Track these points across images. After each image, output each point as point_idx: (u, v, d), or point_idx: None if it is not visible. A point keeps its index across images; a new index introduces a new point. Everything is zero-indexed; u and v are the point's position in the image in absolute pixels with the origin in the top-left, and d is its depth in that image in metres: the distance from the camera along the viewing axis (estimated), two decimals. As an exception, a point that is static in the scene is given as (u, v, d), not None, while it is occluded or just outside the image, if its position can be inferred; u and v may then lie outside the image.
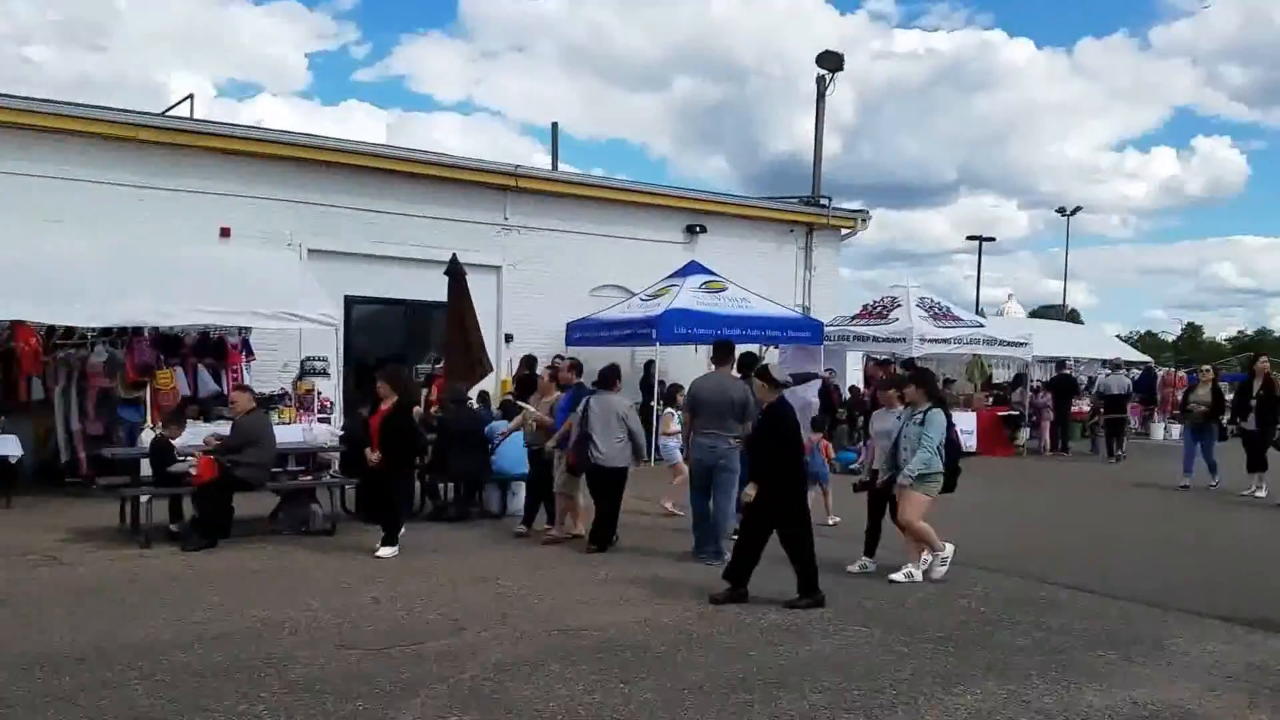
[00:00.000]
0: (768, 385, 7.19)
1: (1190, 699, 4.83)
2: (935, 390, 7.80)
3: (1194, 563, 8.49)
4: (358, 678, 5.05)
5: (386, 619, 6.25)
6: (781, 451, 6.85)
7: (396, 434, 8.17)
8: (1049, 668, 5.33)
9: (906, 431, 7.44)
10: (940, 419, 7.40)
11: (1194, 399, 14.08)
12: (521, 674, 5.13)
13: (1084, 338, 27.73)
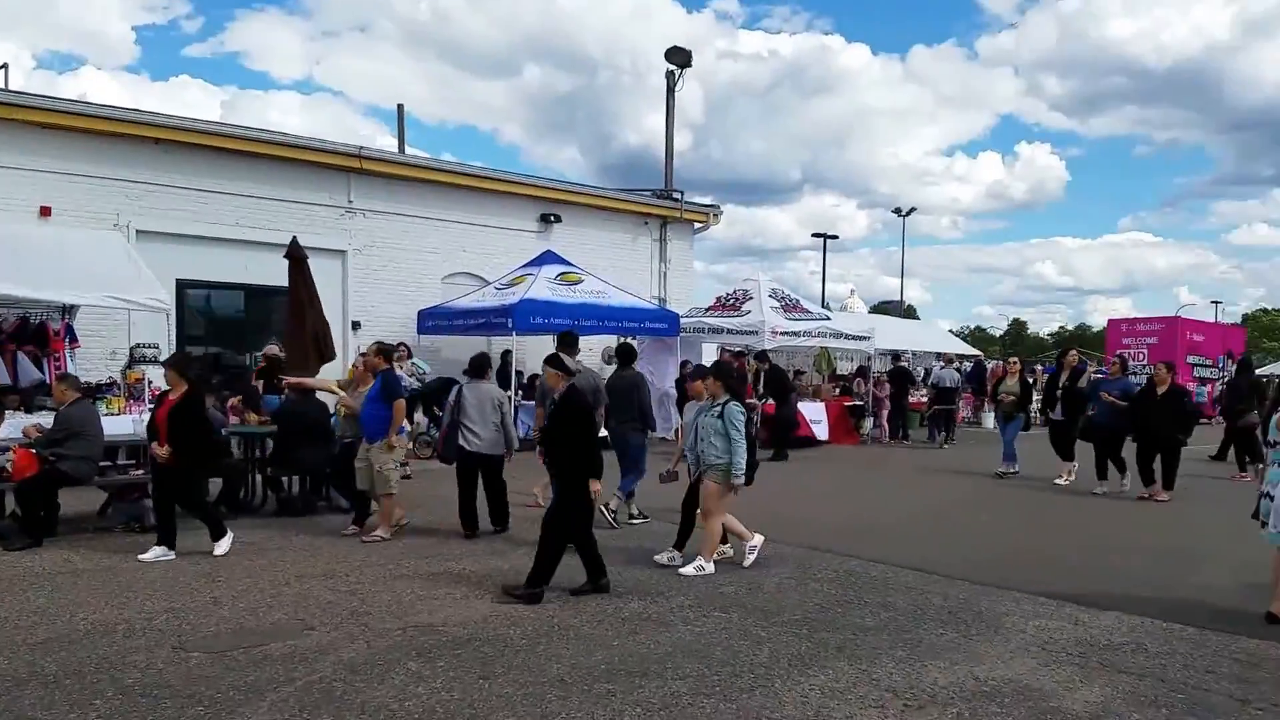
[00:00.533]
0: (558, 374, 7.05)
1: (1027, 674, 5.09)
2: (733, 383, 7.71)
3: (1023, 545, 8.99)
4: (199, 681, 4.77)
5: (229, 619, 5.93)
6: (577, 442, 6.65)
7: (187, 426, 7.56)
8: (896, 646, 5.53)
9: (703, 423, 7.40)
10: (737, 412, 7.33)
11: (1003, 389, 14.64)
12: (376, 673, 4.94)
13: (920, 332, 29.07)
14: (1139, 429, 11.78)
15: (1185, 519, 10.49)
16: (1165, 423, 11.49)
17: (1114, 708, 4.59)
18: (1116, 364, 13.91)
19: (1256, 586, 6.61)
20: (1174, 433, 11.57)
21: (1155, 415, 11.53)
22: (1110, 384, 12.84)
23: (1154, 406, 11.63)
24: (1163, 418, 11.50)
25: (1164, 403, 11.59)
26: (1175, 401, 11.75)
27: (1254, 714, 4.51)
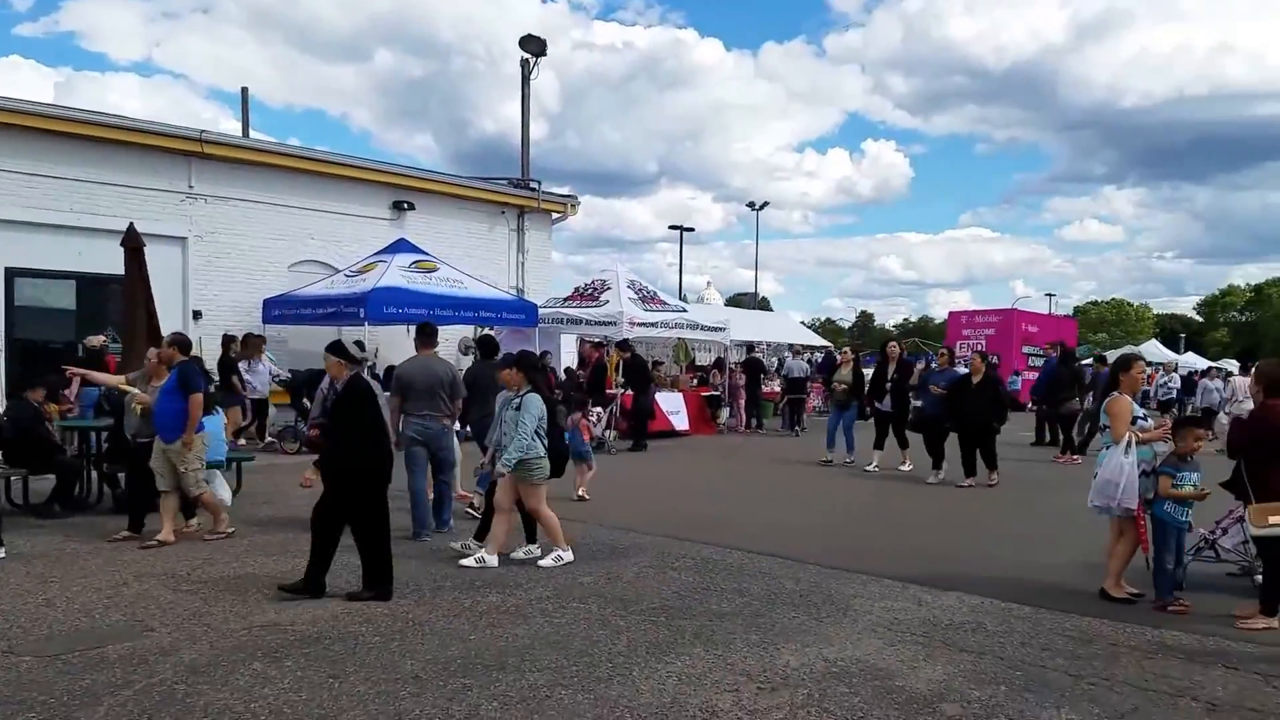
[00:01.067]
0: (341, 362, 6.66)
1: (874, 654, 5.22)
2: (534, 374, 7.43)
3: (870, 529, 9.30)
4: (30, 686, 4.43)
5: (63, 622, 5.53)
6: (357, 434, 6.25)
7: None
8: (751, 631, 5.59)
9: (505, 415, 7.21)
10: (536, 403, 7.12)
11: (837, 379, 14.93)
12: (219, 675, 4.66)
13: (774, 324, 29.86)
14: (957, 418, 12.12)
15: (1019, 502, 11.09)
16: (981, 410, 11.87)
17: (955, 685, 4.75)
18: (944, 355, 14.10)
19: (1089, 565, 7.00)
20: (989, 420, 11.95)
21: (971, 403, 11.90)
22: (938, 375, 13.07)
23: (970, 395, 12.00)
24: (978, 405, 11.87)
25: (979, 391, 11.99)
26: (990, 389, 12.14)
27: (1086, 689, 4.74)
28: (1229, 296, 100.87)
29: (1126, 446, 6.24)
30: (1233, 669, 5.05)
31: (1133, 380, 6.67)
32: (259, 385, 14.13)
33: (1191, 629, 5.76)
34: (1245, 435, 6.03)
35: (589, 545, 7.93)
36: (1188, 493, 6.19)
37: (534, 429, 7.05)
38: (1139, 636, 5.64)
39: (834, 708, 4.40)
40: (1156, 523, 6.27)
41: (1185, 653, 5.34)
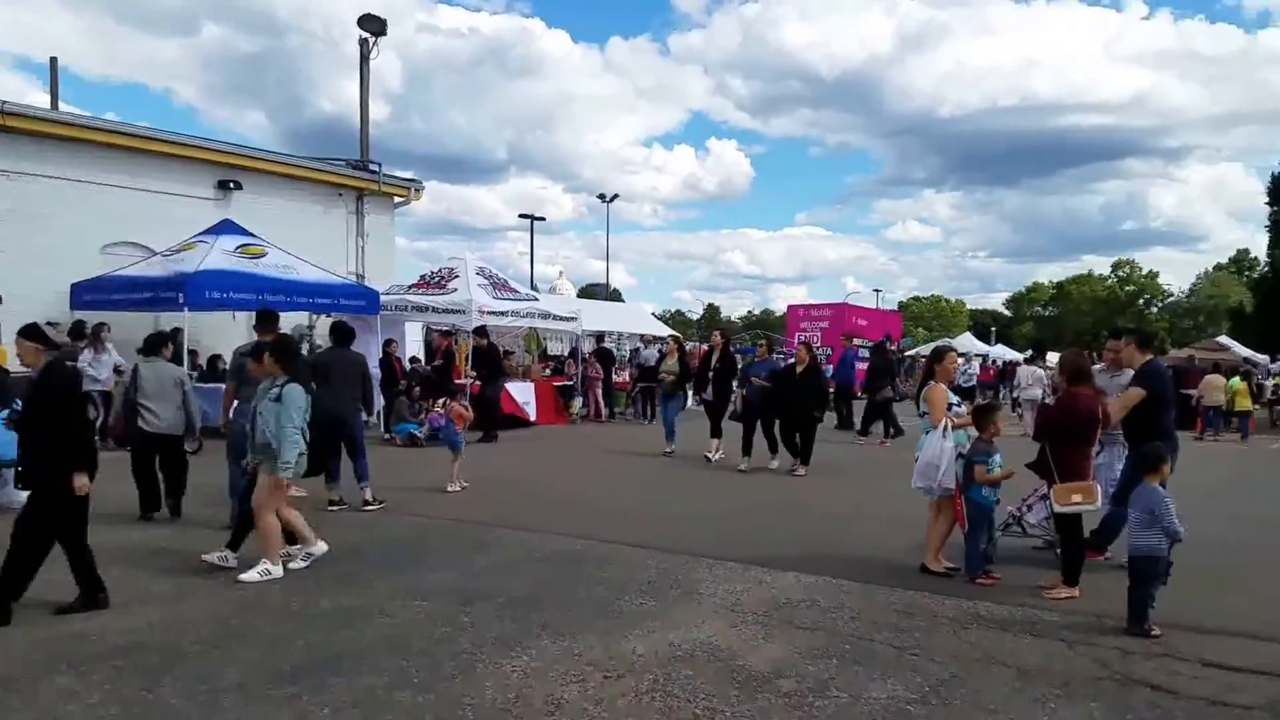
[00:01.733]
0: (38, 347, 5.81)
1: (716, 635, 5.35)
2: (292, 363, 6.82)
3: (715, 514, 9.47)
4: None
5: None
6: (59, 427, 5.55)
7: None
8: (600, 620, 5.62)
9: (262, 408, 6.59)
10: (298, 394, 6.59)
11: (664, 369, 14.84)
12: (22, 688, 4.35)
13: (626, 314, 30.02)
14: (781, 407, 12.27)
15: (849, 484, 11.59)
16: (804, 400, 12.08)
17: (791, 662, 4.93)
18: (763, 346, 14.09)
19: (913, 542, 7.37)
20: (812, 409, 12.16)
21: (795, 393, 12.09)
22: (758, 366, 13.12)
23: (794, 385, 12.17)
24: (802, 395, 12.06)
25: (803, 381, 12.16)
26: (813, 379, 12.31)
27: (909, 659, 5.01)
28: (1035, 293, 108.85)
29: (944, 431, 6.64)
30: (1039, 636, 5.44)
31: (946, 370, 7.10)
32: (103, 377, 13.10)
33: (1002, 600, 6.16)
34: (1050, 421, 6.49)
35: (437, 541, 7.80)
36: (997, 476, 6.64)
37: (299, 422, 6.54)
38: (956, 608, 6.00)
39: (678, 690, 4.48)
40: (972, 505, 6.68)
41: (997, 622, 5.71)
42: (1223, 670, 4.89)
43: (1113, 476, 7.15)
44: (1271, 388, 28.78)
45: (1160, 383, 7.13)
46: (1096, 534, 7.09)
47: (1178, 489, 6.54)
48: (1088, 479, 6.33)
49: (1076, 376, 6.44)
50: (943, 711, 4.28)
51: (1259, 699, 4.48)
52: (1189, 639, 5.38)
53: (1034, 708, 4.35)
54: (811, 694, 4.47)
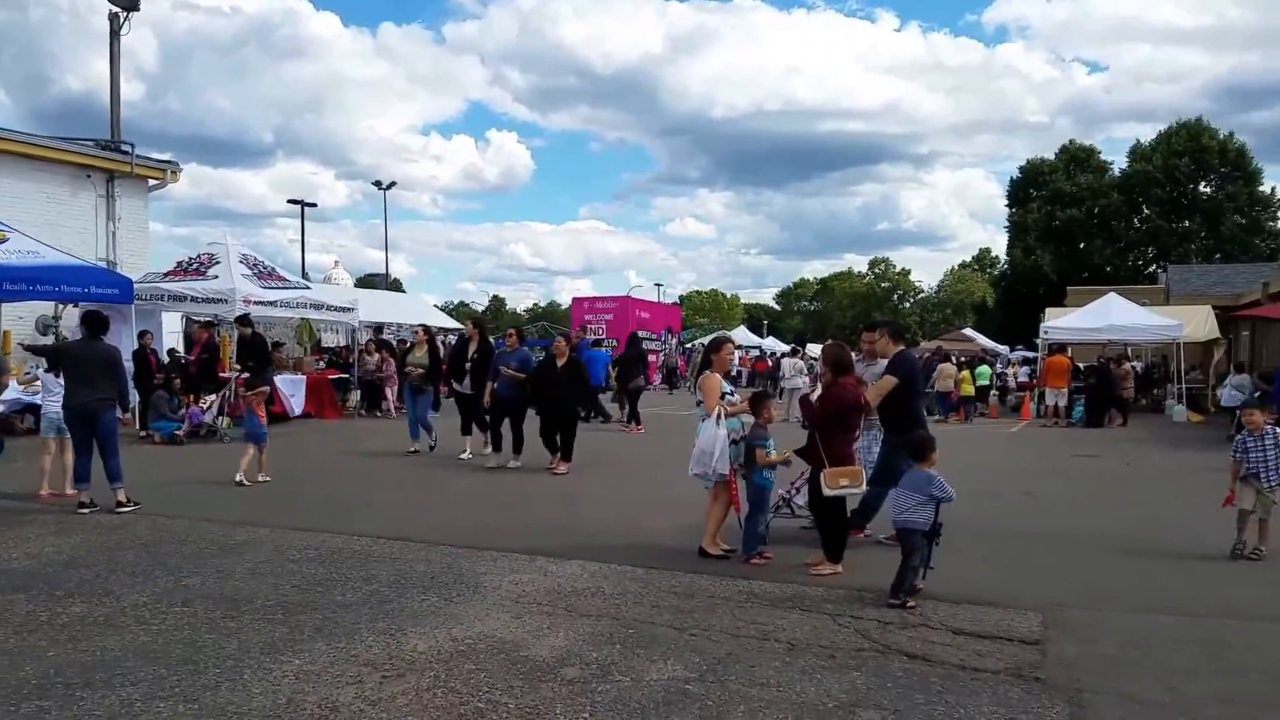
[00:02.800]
0: None
1: (501, 628, 5.30)
2: None
3: (495, 507, 9.40)
4: None
5: None
6: None
7: None
8: (377, 619, 5.44)
9: None
10: None
11: (411, 361, 13.58)
12: None
13: (406, 305, 29.31)
14: (541, 401, 11.64)
15: (627, 474, 11.83)
16: (565, 394, 11.59)
17: (576, 650, 4.95)
18: (512, 336, 12.82)
19: (692, 526, 7.55)
20: (572, 403, 11.71)
21: (557, 387, 11.52)
22: (509, 357, 12.20)
23: (555, 379, 11.61)
24: (564, 389, 11.56)
25: (564, 375, 11.62)
26: (574, 373, 11.78)
27: (689, 640, 5.15)
28: (801, 288, 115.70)
29: (718, 418, 6.90)
30: (807, 611, 5.75)
31: (722, 360, 7.39)
32: None
33: (775, 579, 6.48)
34: (819, 409, 6.88)
35: (199, 543, 7.34)
36: (776, 459, 6.97)
37: None
38: (732, 588, 6.25)
39: (460, 686, 4.40)
40: (754, 488, 6.99)
41: (770, 600, 5.99)
42: (972, 637, 5.27)
43: (870, 459, 7.66)
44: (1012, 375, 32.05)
45: (911, 371, 7.73)
46: (857, 513, 7.55)
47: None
48: (854, 463, 6.78)
49: (840, 367, 6.87)
50: (719, 688, 4.43)
51: (1004, 663, 4.85)
52: (942, 609, 5.81)
53: (802, 679, 4.57)
54: (595, 680, 4.51)
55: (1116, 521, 8.93)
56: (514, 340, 12.69)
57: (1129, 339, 24.95)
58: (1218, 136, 58.10)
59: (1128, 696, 4.41)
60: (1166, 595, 6.25)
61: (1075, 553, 7.51)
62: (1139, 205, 60.48)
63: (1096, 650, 5.09)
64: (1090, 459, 14.21)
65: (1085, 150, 64.35)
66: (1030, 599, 6.07)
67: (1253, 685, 4.60)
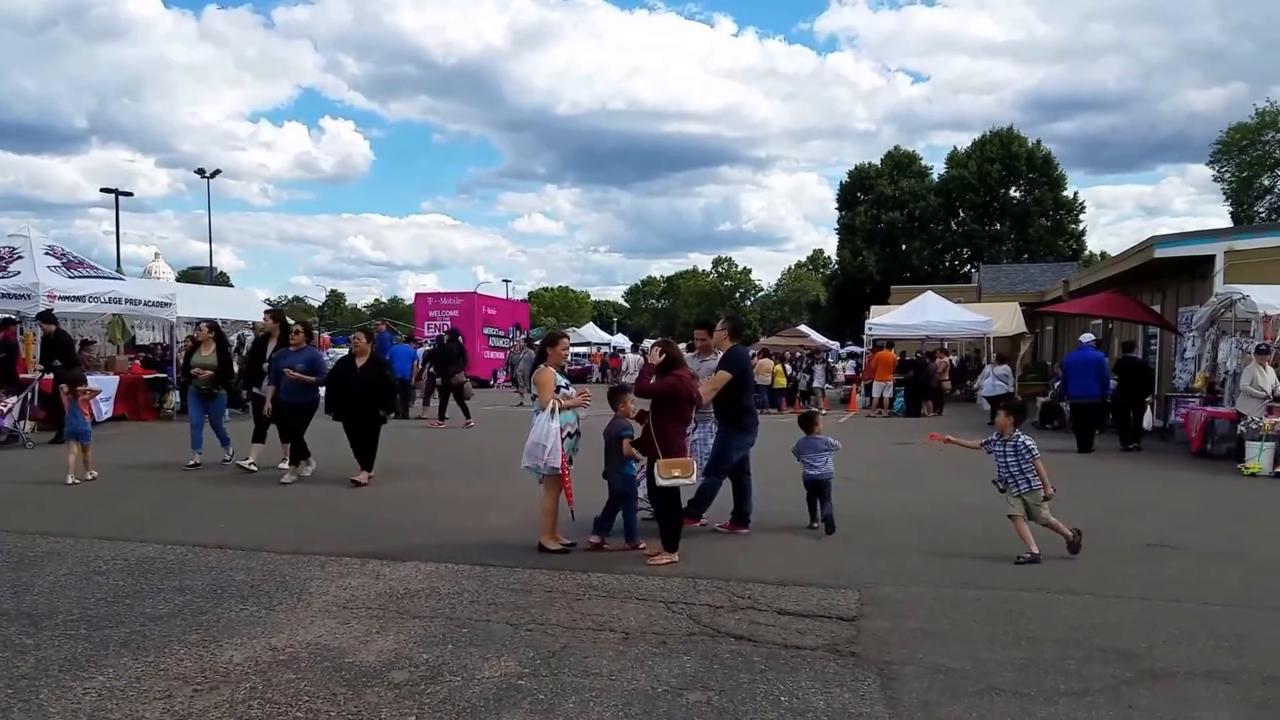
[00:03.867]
0: None
1: (327, 635, 5.12)
2: None
3: (317, 510, 9.04)
4: None
5: None
6: None
7: None
8: (190, 631, 5.16)
9: None
10: None
11: (197, 362, 11.74)
12: None
13: (234, 301, 27.88)
14: (339, 406, 10.52)
15: (471, 470, 11.67)
16: (368, 397, 10.42)
17: (405, 652, 4.84)
18: (299, 334, 11.19)
19: (535, 522, 7.37)
20: (373, 407, 10.50)
21: (358, 389, 10.40)
22: (294, 357, 10.75)
23: (354, 380, 10.44)
24: (365, 392, 10.40)
25: (364, 376, 10.44)
26: (376, 374, 10.59)
27: (524, 635, 5.12)
28: (649, 286, 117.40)
29: (552, 412, 6.91)
30: (643, 600, 5.83)
31: (558, 355, 7.39)
32: None
33: (613, 569, 6.54)
34: (652, 385, 6.94)
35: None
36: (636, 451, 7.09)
37: None
38: (570, 581, 6.26)
39: (278, 696, 4.22)
40: (624, 479, 7.18)
41: (607, 591, 6.03)
42: (795, 617, 5.50)
43: (705, 451, 7.85)
44: (840, 369, 33.57)
45: (744, 366, 7.97)
46: (694, 503, 7.75)
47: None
48: (686, 455, 6.92)
49: (673, 363, 6.99)
50: (551, 681, 4.43)
51: (823, 640, 5.08)
52: (769, 591, 6.02)
53: (635, 667, 4.62)
54: (424, 681, 4.41)
55: (928, 503, 9.50)
56: (301, 338, 11.11)
57: (945, 334, 26.63)
58: (1026, 145, 62.70)
59: (934, 667, 4.68)
60: (971, 571, 6.64)
61: (891, 534, 7.94)
62: (955, 209, 64.57)
63: (907, 624, 5.38)
64: (908, 446, 15.03)
65: (907, 156, 68.17)
66: (849, 578, 6.38)
67: (1045, 652, 4.94)
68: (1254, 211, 54.12)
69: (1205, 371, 14.93)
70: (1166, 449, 14.94)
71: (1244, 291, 13.69)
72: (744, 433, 7.90)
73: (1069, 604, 5.87)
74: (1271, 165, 54.24)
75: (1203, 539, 7.96)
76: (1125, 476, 12.08)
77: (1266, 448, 11.89)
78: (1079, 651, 4.95)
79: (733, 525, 7.91)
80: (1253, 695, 4.35)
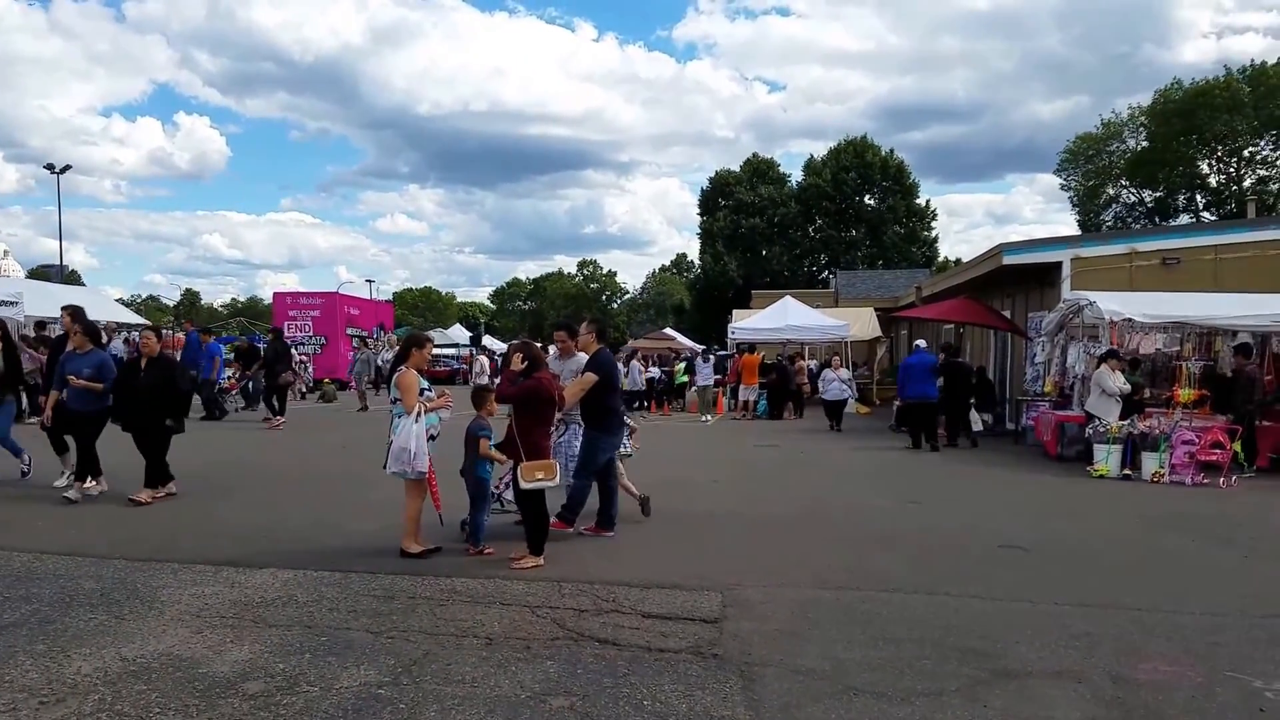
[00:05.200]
0: None
1: (179, 644, 4.98)
2: None
3: (174, 517, 8.69)
4: None
5: None
6: None
7: None
8: (36, 641, 4.96)
9: None
10: None
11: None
12: None
13: (84, 299, 26.43)
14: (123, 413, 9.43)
15: (317, 475, 11.42)
16: (151, 402, 9.20)
17: (261, 662, 4.75)
18: (79, 333, 9.59)
19: (397, 526, 7.35)
20: (159, 415, 9.25)
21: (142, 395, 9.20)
22: (79, 361, 9.43)
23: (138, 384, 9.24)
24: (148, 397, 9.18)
25: (148, 379, 9.24)
26: (163, 378, 9.33)
27: (385, 643, 5.09)
28: (515, 287, 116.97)
29: (417, 415, 6.89)
30: (508, 605, 5.85)
31: (421, 357, 7.35)
32: None
33: (478, 574, 6.54)
34: (513, 389, 6.93)
35: None
36: (495, 454, 7.14)
37: None
38: (434, 587, 6.23)
39: (128, 708, 4.10)
40: (477, 480, 7.20)
41: (471, 597, 6.04)
42: (659, 619, 5.57)
43: (570, 453, 7.93)
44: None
45: (610, 369, 8.09)
46: (565, 508, 7.81)
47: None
48: (549, 457, 6.99)
49: (534, 364, 7.05)
50: (413, 689, 4.42)
51: (686, 642, 5.17)
52: (633, 594, 6.11)
53: (498, 673, 4.64)
54: (280, 692, 4.35)
55: (790, 505, 9.81)
56: (81, 340, 9.53)
57: (804, 338, 27.31)
58: (880, 153, 65.20)
59: (794, 668, 4.81)
60: (830, 572, 6.86)
61: (754, 535, 8.17)
62: (813, 215, 66.64)
63: (768, 626, 5.52)
64: (770, 449, 15.51)
65: (766, 163, 69.88)
66: (713, 580, 6.51)
67: (902, 651, 5.11)
68: (1100, 220, 57.84)
69: (1055, 376, 15.55)
70: (1019, 452, 15.55)
71: (1090, 298, 14.11)
72: (610, 435, 8.01)
73: (924, 604, 6.03)
74: (1116, 175, 57.95)
75: (1052, 540, 8.17)
76: (978, 479, 12.47)
77: (1114, 450, 12.37)
78: (935, 651, 5.08)
79: (598, 528, 8.01)
80: (1103, 694, 4.54)
